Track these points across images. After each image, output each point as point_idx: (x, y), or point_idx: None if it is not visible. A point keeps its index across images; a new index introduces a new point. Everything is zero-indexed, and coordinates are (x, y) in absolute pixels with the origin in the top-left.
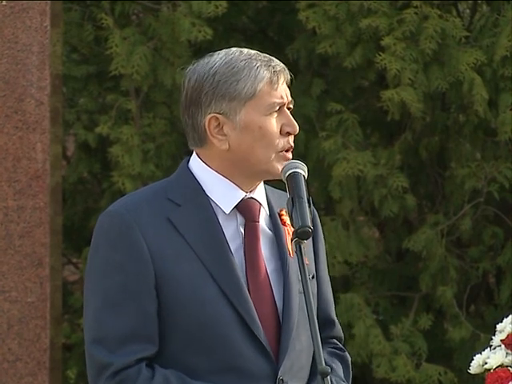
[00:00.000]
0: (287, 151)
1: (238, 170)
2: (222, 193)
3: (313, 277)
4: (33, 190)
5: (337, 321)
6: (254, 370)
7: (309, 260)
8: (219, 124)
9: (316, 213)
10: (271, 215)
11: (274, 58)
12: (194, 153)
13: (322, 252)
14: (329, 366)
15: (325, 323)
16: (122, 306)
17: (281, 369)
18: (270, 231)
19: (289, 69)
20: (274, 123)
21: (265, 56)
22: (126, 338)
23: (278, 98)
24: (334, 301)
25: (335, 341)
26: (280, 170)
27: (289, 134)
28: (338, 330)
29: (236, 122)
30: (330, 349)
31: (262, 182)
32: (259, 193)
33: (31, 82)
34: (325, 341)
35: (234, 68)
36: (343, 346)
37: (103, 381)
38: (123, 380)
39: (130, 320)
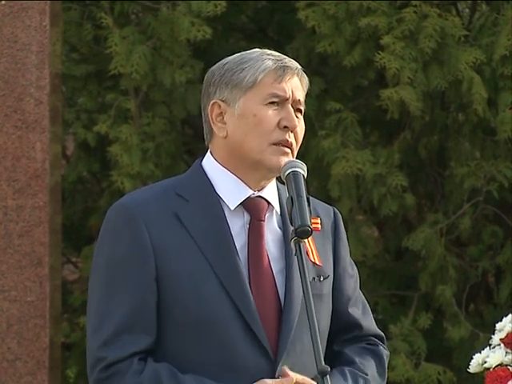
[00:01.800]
0: (284, 146)
1: (238, 161)
2: (230, 190)
3: (325, 278)
4: (32, 190)
5: (365, 322)
6: (252, 368)
7: (323, 261)
8: (221, 112)
9: (339, 215)
10: (282, 214)
11: (290, 59)
12: (208, 151)
13: (344, 251)
14: (351, 360)
15: (346, 326)
16: (121, 297)
17: (278, 368)
18: (279, 230)
19: None
20: (270, 114)
21: (280, 55)
22: (122, 330)
23: (279, 91)
24: None
25: (370, 337)
26: (275, 162)
27: (286, 128)
28: (368, 330)
29: (235, 109)
30: (363, 344)
31: (275, 182)
32: (269, 192)
33: (30, 82)
34: (357, 339)
35: (243, 59)
36: (381, 342)
37: (97, 373)
38: (114, 373)
39: (127, 313)
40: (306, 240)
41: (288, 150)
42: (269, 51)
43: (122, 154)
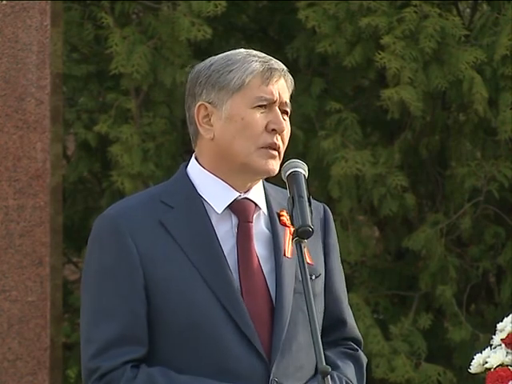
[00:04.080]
0: (272, 149)
1: (224, 164)
2: (215, 193)
3: (317, 276)
4: (33, 190)
5: (350, 321)
6: (247, 371)
7: (314, 260)
8: (208, 114)
9: (329, 211)
10: (270, 215)
11: (275, 60)
12: (193, 155)
13: (334, 250)
14: (334, 364)
15: (335, 323)
16: (111, 309)
17: (273, 370)
18: (267, 231)
19: (288, 68)
20: (258, 117)
21: (266, 56)
22: (115, 341)
23: (266, 94)
24: None
25: (350, 342)
26: (263, 165)
27: (274, 131)
28: (351, 331)
29: (222, 111)
30: (343, 349)
31: (261, 183)
32: (255, 193)
33: (31, 82)
34: (337, 342)
35: (229, 60)
36: (359, 347)
37: (91, 382)
38: (108, 382)
39: (119, 324)
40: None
41: (276, 153)
42: (254, 52)
43: (122, 154)
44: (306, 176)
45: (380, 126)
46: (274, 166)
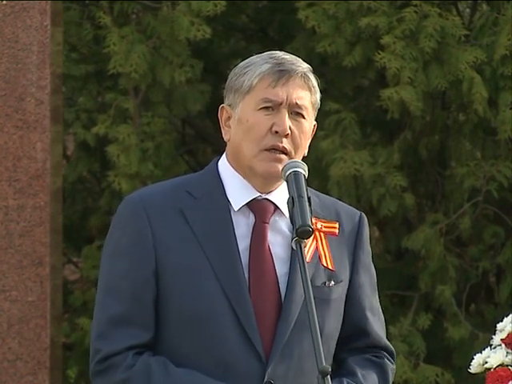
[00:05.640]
0: (277, 151)
1: (240, 165)
2: (237, 191)
3: (337, 283)
4: (33, 190)
5: (376, 331)
6: (243, 369)
7: (337, 265)
8: (229, 117)
9: (365, 221)
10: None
11: (295, 61)
12: (225, 151)
13: (364, 259)
14: (352, 372)
15: (356, 333)
16: (119, 290)
17: (269, 371)
18: (289, 233)
19: None
20: (262, 119)
21: (284, 58)
22: (117, 322)
23: (272, 96)
24: None
25: (377, 350)
26: (265, 168)
27: (277, 133)
28: (377, 340)
29: (235, 114)
30: (367, 355)
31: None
32: (278, 195)
33: (31, 81)
34: (361, 350)
35: (248, 63)
36: (390, 356)
37: (93, 365)
38: (109, 366)
39: (123, 306)
40: (321, 243)
41: (282, 156)
42: (277, 53)
43: (118, 154)
44: (306, 176)
45: (380, 126)
46: (280, 168)
